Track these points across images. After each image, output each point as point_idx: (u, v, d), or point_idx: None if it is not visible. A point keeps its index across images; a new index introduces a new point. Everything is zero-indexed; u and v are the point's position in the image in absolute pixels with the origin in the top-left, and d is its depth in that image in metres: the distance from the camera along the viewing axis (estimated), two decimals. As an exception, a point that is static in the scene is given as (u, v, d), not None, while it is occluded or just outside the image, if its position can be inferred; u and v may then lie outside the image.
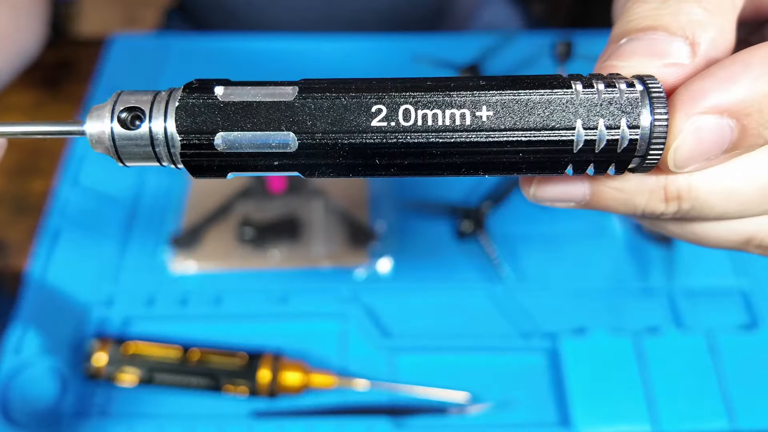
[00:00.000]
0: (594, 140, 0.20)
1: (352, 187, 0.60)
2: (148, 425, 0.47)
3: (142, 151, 0.21)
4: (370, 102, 0.21)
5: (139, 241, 0.57)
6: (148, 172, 0.61)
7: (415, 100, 0.21)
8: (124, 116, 0.21)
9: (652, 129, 0.20)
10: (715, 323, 0.51)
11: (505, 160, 0.21)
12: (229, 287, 0.54)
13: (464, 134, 0.21)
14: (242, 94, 0.21)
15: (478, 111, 0.20)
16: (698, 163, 0.21)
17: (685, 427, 0.46)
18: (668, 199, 0.22)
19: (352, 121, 0.21)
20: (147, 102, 0.21)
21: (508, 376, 0.50)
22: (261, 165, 0.21)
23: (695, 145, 0.20)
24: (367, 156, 0.21)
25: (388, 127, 0.21)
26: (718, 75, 0.20)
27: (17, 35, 0.51)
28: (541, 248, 0.56)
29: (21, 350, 0.49)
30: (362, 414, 0.47)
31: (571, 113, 0.20)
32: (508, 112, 0.20)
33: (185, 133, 0.21)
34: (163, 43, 0.71)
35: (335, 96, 0.21)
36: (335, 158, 0.21)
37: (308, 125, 0.21)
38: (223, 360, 0.49)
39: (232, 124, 0.21)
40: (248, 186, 0.59)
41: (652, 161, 0.21)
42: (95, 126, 0.21)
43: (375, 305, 0.53)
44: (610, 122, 0.20)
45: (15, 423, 0.47)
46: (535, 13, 0.93)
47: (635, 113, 0.20)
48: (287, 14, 0.76)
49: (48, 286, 0.54)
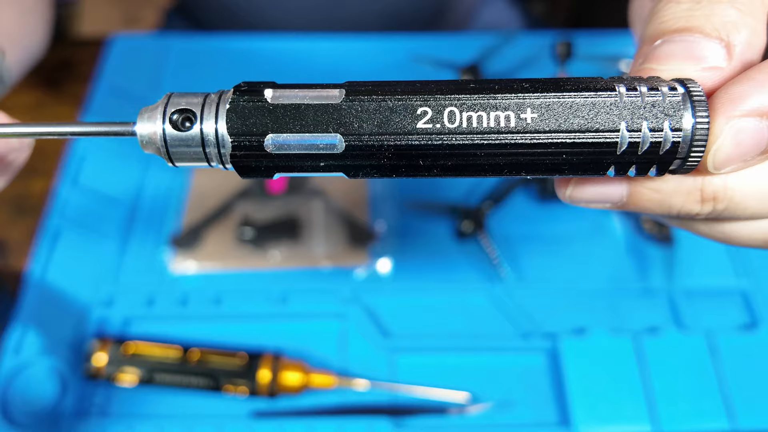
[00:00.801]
0: (637, 142, 0.21)
1: (352, 187, 0.60)
2: (148, 425, 0.47)
3: (193, 152, 0.22)
4: (415, 104, 0.21)
5: (139, 242, 0.57)
6: (149, 173, 0.61)
7: (460, 103, 0.21)
8: (176, 118, 0.21)
9: (693, 132, 0.20)
10: (715, 323, 0.51)
11: (549, 161, 0.21)
12: (229, 287, 0.54)
13: (508, 136, 0.21)
14: (290, 96, 0.21)
15: (522, 113, 0.21)
16: (736, 164, 0.21)
17: (684, 427, 0.46)
18: (704, 200, 0.23)
19: (398, 123, 0.21)
20: (197, 104, 0.22)
21: (508, 376, 0.50)
22: (308, 166, 0.22)
23: (734, 147, 0.21)
24: (411, 157, 0.21)
25: (433, 129, 0.21)
26: (756, 78, 0.21)
27: (25, 36, 0.52)
28: (541, 248, 0.56)
29: (21, 350, 0.49)
30: (362, 414, 0.47)
31: (616, 115, 0.21)
32: (553, 114, 0.21)
33: (236, 135, 0.21)
34: (163, 44, 0.71)
35: (381, 98, 0.21)
36: (380, 159, 0.22)
37: (355, 127, 0.21)
38: (223, 360, 0.49)
39: (282, 126, 0.21)
40: (248, 186, 0.59)
41: (692, 163, 0.21)
42: (146, 127, 0.22)
43: (375, 305, 0.53)
44: (654, 125, 0.21)
45: (15, 423, 0.47)
46: (535, 13, 0.93)
47: (678, 116, 0.20)
48: (288, 14, 0.76)
49: (48, 287, 0.54)
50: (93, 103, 0.65)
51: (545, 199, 0.58)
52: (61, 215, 0.58)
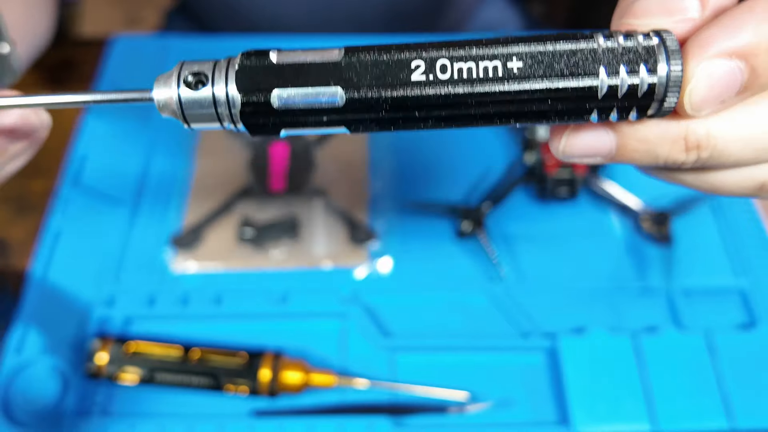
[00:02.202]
0: (616, 86, 0.22)
1: (352, 187, 0.60)
2: (149, 424, 0.47)
3: (206, 112, 0.23)
4: (409, 58, 0.23)
5: (140, 241, 0.57)
6: (150, 173, 0.61)
7: (450, 55, 0.22)
8: (189, 80, 0.23)
9: (668, 76, 0.22)
10: (714, 323, 0.51)
11: (535, 108, 0.23)
12: (229, 287, 0.54)
13: (497, 85, 0.22)
14: (294, 56, 0.23)
15: (509, 63, 0.22)
16: (713, 106, 0.23)
17: (683, 425, 0.46)
18: (688, 148, 0.24)
19: (394, 77, 0.23)
20: (208, 68, 0.23)
21: (507, 376, 0.50)
22: (312, 121, 0.23)
23: (708, 89, 0.22)
24: (408, 109, 0.23)
25: (426, 81, 0.22)
26: (724, 22, 0.22)
27: (30, 29, 0.52)
28: (541, 248, 0.56)
29: (23, 349, 0.50)
30: (362, 413, 0.47)
31: (595, 62, 0.22)
32: (537, 63, 0.22)
33: (245, 92, 0.23)
34: (164, 44, 0.71)
35: (378, 55, 0.23)
36: (379, 112, 0.23)
37: (354, 82, 0.23)
38: (224, 359, 0.49)
39: (286, 83, 0.23)
40: (248, 186, 0.59)
41: (669, 106, 0.23)
42: (163, 92, 0.24)
43: (375, 305, 0.53)
44: (631, 68, 0.22)
45: (16, 422, 0.47)
46: (535, 13, 0.93)
47: (653, 59, 0.22)
48: (288, 12, 0.76)
49: (50, 286, 0.54)
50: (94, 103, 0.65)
51: (545, 199, 0.58)
52: (63, 215, 0.58)
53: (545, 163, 0.55)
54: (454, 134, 0.64)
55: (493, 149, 0.63)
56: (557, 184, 0.55)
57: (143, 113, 0.66)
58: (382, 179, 0.61)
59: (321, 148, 0.62)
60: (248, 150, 0.62)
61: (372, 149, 0.63)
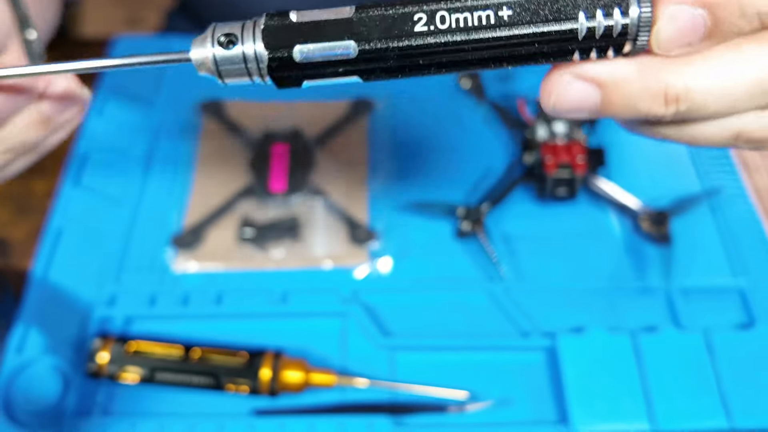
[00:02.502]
0: (594, 28, 0.25)
1: (352, 187, 0.60)
2: (149, 423, 0.47)
3: (238, 68, 0.26)
4: (412, 11, 0.26)
5: (140, 241, 0.57)
6: (151, 173, 0.61)
7: (447, 7, 0.25)
8: (222, 40, 0.26)
9: (639, 16, 0.25)
10: (713, 322, 0.51)
11: (524, 51, 0.26)
12: (230, 287, 0.54)
13: (489, 31, 0.25)
14: (311, 15, 0.26)
15: (500, 11, 0.25)
16: (679, 48, 0.25)
17: (682, 425, 0.46)
18: (668, 101, 0.26)
19: (399, 29, 0.26)
20: (238, 29, 0.26)
21: (507, 375, 0.50)
22: (329, 72, 0.26)
23: (674, 31, 0.25)
24: (412, 57, 0.26)
25: (428, 31, 0.25)
26: None
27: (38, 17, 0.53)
28: (540, 248, 0.56)
29: (24, 349, 0.50)
30: (362, 412, 0.48)
31: (575, 7, 0.25)
32: (524, 10, 0.25)
33: (270, 49, 0.26)
34: (165, 45, 0.72)
35: (385, 10, 0.26)
36: (387, 61, 0.26)
37: (365, 35, 0.26)
38: (225, 359, 0.49)
39: (306, 38, 0.26)
40: (249, 186, 0.59)
41: (641, 44, 0.25)
42: (199, 52, 0.27)
43: (375, 304, 0.53)
44: (607, 12, 0.25)
45: (17, 421, 0.47)
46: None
47: (626, 3, 0.25)
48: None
49: (51, 286, 0.54)
50: (96, 102, 0.66)
51: (544, 199, 0.58)
52: (64, 215, 0.58)
53: (545, 163, 0.55)
54: (454, 134, 0.64)
55: (493, 149, 0.63)
56: (556, 184, 0.55)
57: (143, 113, 0.66)
58: (382, 179, 0.61)
59: (321, 148, 0.63)
60: (248, 150, 0.62)
61: (372, 149, 0.63)
